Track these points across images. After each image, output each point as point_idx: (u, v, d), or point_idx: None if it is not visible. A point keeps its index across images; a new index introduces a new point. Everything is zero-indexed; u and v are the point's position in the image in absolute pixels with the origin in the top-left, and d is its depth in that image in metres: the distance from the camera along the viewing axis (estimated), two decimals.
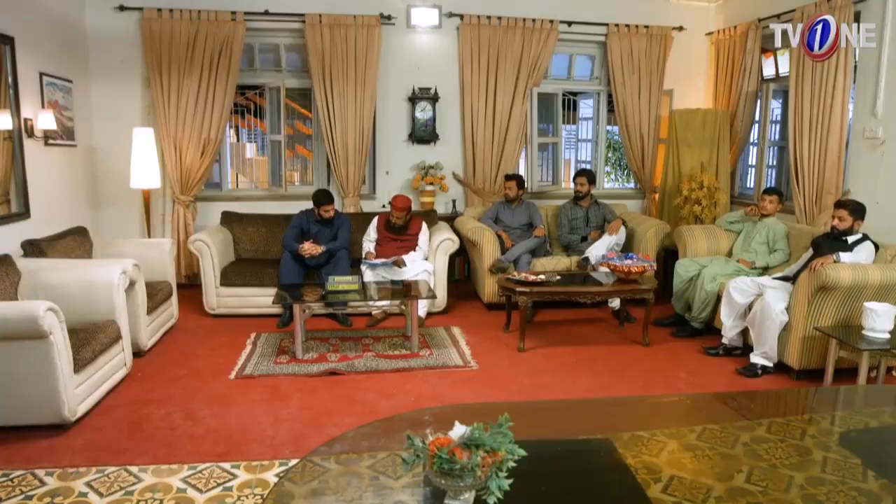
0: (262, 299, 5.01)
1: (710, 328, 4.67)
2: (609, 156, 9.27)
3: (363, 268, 5.12)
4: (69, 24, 5.31)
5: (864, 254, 3.93)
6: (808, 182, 5.06)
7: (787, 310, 3.94)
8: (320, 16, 5.74)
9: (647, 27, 6.28)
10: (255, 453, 2.94)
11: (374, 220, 5.41)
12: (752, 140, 6.26)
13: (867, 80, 4.65)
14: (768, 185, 5.79)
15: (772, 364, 4.02)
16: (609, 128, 7.57)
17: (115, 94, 5.71)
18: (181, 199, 5.79)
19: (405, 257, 5.14)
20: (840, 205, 4.07)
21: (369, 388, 3.78)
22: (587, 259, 5.22)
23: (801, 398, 3.01)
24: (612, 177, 9.94)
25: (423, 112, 6.19)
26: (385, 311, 5.11)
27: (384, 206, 6.07)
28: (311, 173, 6.71)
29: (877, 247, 3.99)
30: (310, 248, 4.92)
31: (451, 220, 5.96)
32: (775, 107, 6.22)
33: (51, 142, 4.84)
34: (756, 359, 4.05)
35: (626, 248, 5.45)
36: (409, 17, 6.02)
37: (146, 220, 5.65)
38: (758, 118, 6.14)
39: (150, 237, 5.68)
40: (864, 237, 4.01)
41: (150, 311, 4.26)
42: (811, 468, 1.96)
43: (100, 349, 3.42)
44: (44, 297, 3.32)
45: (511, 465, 1.56)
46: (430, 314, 5.16)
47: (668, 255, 5.75)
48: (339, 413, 3.41)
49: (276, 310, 4.94)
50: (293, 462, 2.75)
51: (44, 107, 4.72)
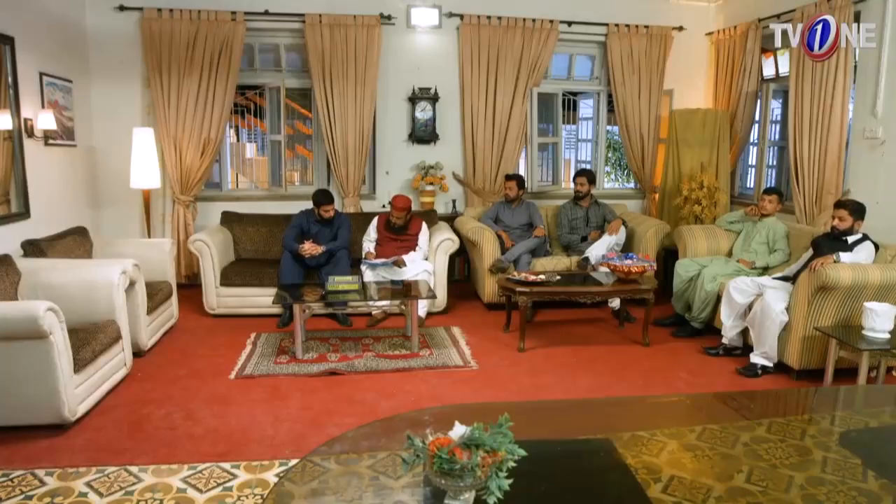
0: (262, 299, 5.01)
1: (710, 328, 4.67)
2: (609, 156, 9.27)
3: (363, 268, 5.12)
4: (69, 24, 5.31)
5: (864, 254, 3.93)
6: (808, 182, 5.06)
7: (787, 310, 3.94)
8: (320, 16, 5.74)
9: (647, 27, 6.28)
10: (255, 453, 2.94)
11: (374, 220, 5.41)
12: (752, 140, 6.26)
13: (867, 80, 4.65)
14: (768, 185, 5.78)
15: (772, 364, 4.02)
16: (609, 128, 7.57)
17: (115, 94, 5.71)
18: (181, 199, 5.79)
19: (405, 257, 5.14)
20: (840, 205, 4.07)
21: (369, 388, 3.78)
22: (587, 259, 5.22)
23: (801, 398, 3.01)
24: (612, 177, 9.94)
25: (423, 112, 6.19)
26: (385, 311, 5.11)
27: (384, 206, 6.07)
28: (311, 173, 6.71)
29: (877, 247, 3.99)
30: (310, 248, 4.92)
31: (451, 220, 5.96)
32: (775, 107, 6.22)
33: (51, 142, 4.84)
34: (756, 359, 4.05)
35: (626, 248, 5.45)
36: (409, 17, 6.02)
37: (146, 220, 5.66)
38: (758, 118, 6.13)
39: (150, 237, 5.68)
40: (864, 237, 4.01)
41: (150, 311, 4.27)
42: (811, 468, 1.96)
43: (100, 349, 3.42)
44: (44, 297, 3.32)
45: (511, 465, 1.56)
46: (430, 314, 5.16)
47: (668, 255, 5.75)
48: (339, 413, 3.41)
49: (276, 310, 4.95)
50: (293, 462, 2.75)
51: (44, 107, 4.72)
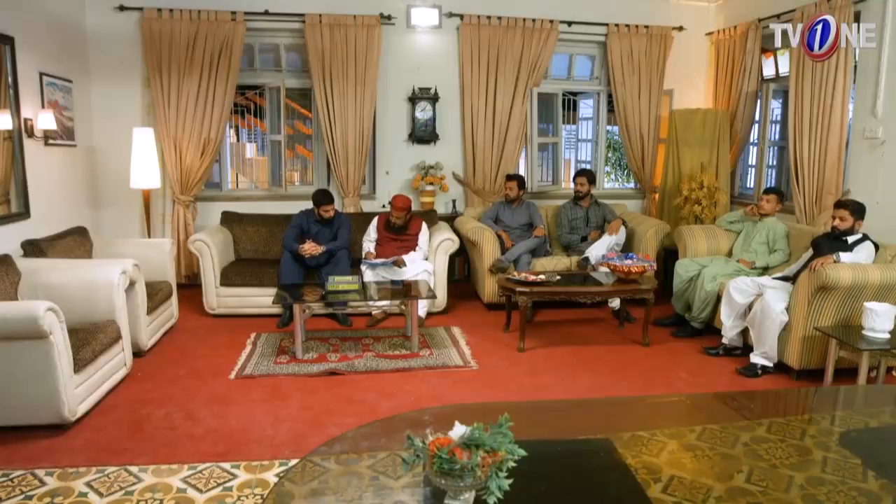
0: (262, 299, 5.01)
1: (710, 328, 4.67)
2: (609, 156, 9.27)
3: (363, 268, 5.12)
4: (69, 24, 5.31)
5: (864, 254, 3.93)
6: (808, 182, 5.06)
7: (787, 310, 3.94)
8: (320, 16, 5.74)
9: (647, 27, 6.28)
10: (255, 453, 2.94)
11: (374, 220, 5.41)
12: (752, 140, 6.26)
13: (867, 80, 4.65)
14: (768, 185, 5.79)
15: (772, 364, 4.02)
16: (609, 128, 7.57)
17: (115, 94, 5.71)
18: (181, 199, 5.79)
19: (405, 257, 5.14)
20: (841, 205, 4.07)
21: (369, 388, 3.78)
22: (587, 259, 5.22)
23: (801, 398, 3.00)
24: (612, 177, 9.93)
25: (423, 112, 6.19)
26: (385, 311, 5.11)
27: (384, 206, 6.07)
28: (311, 173, 6.71)
29: (877, 247, 3.99)
30: (310, 248, 4.92)
31: (451, 220, 5.96)
32: (775, 107, 6.22)
33: (51, 142, 4.84)
34: (756, 359, 4.05)
35: (626, 248, 5.45)
36: (409, 17, 6.02)
37: (146, 220, 5.66)
38: (758, 118, 6.13)
39: (150, 237, 5.68)
40: (864, 237, 4.00)
41: (150, 311, 4.27)
42: (811, 468, 1.96)
43: (100, 349, 3.42)
44: (44, 297, 3.32)
45: (511, 465, 1.56)
46: (430, 314, 5.16)
47: (668, 255, 5.75)
48: (339, 413, 3.41)
49: (276, 310, 4.95)
50: (293, 462, 2.75)
51: (44, 107, 4.72)
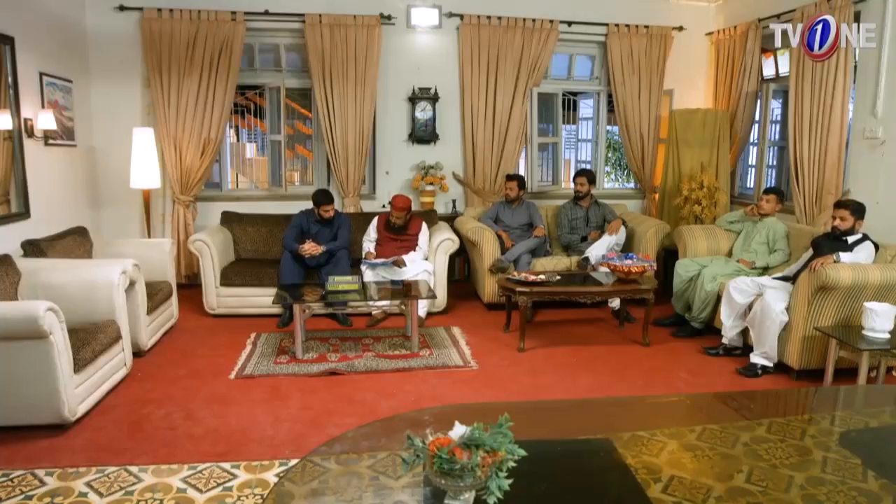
0: (262, 299, 5.01)
1: (710, 328, 4.67)
2: (609, 156, 9.27)
3: (363, 268, 5.12)
4: (69, 24, 5.31)
5: (864, 254, 3.93)
6: (808, 182, 5.06)
7: (787, 310, 3.94)
8: (320, 16, 5.74)
9: (647, 27, 6.28)
10: (255, 453, 2.94)
11: (374, 220, 5.41)
12: (752, 140, 6.26)
13: (867, 80, 4.65)
14: (768, 185, 5.79)
15: (772, 364, 4.02)
16: (609, 128, 7.57)
17: (115, 94, 5.71)
18: (181, 199, 5.79)
19: (405, 257, 5.14)
20: (841, 205, 4.07)
21: (369, 388, 3.78)
22: (587, 259, 5.22)
23: (801, 398, 3.00)
24: (612, 177, 9.93)
25: (423, 112, 6.19)
26: (385, 311, 5.11)
27: (384, 206, 6.07)
28: (311, 173, 6.71)
29: (877, 247, 3.99)
30: (310, 248, 4.92)
31: (451, 220, 5.96)
32: (775, 107, 6.22)
33: (51, 142, 4.84)
34: (756, 359, 4.05)
35: (626, 248, 5.45)
36: (409, 17, 6.02)
37: (146, 220, 5.66)
38: (758, 118, 6.13)
39: (150, 237, 5.68)
40: (864, 237, 4.00)
41: (150, 311, 4.27)
42: (811, 468, 1.96)
43: (100, 349, 3.42)
44: (44, 297, 3.32)
45: (511, 465, 1.56)
46: (430, 314, 5.16)
47: (668, 255, 5.75)
48: (339, 413, 3.41)
49: (276, 310, 4.94)
50: (293, 462, 2.75)
51: (44, 107, 4.72)
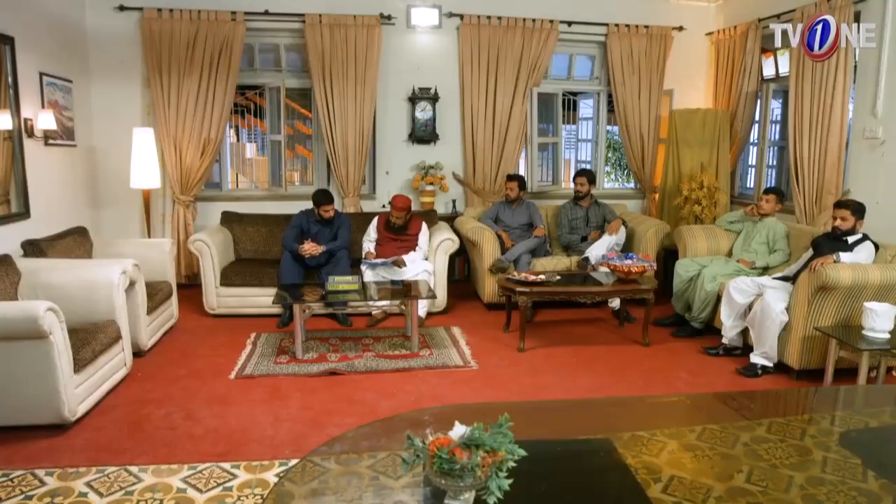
0: (262, 299, 5.01)
1: (710, 328, 4.67)
2: (609, 156, 9.27)
3: (363, 268, 5.12)
4: (69, 24, 5.31)
5: (864, 254, 3.93)
6: (808, 182, 5.06)
7: (787, 310, 3.94)
8: (320, 16, 5.74)
9: (647, 27, 6.28)
10: (255, 453, 2.94)
11: (374, 220, 5.41)
12: (752, 140, 6.26)
13: (867, 80, 4.65)
14: (768, 185, 5.79)
15: (772, 364, 4.02)
16: (609, 128, 7.57)
17: (115, 94, 5.71)
18: (181, 199, 5.79)
19: (405, 257, 5.14)
20: (841, 205, 4.07)
21: (369, 388, 3.78)
22: (587, 259, 5.22)
23: (801, 398, 3.00)
24: (612, 177, 9.93)
25: (423, 112, 6.19)
26: (385, 311, 5.11)
27: (384, 206, 6.07)
28: (311, 173, 6.71)
29: (877, 247, 3.99)
30: (310, 248, 4.92)
31: (451, 220, 5.96)
32: (775, 107, 6.22)
33: (51, 142, 4.84)
34: (756, 359, 4.05)
35: (626, 248, 5.45)
36: (409, 17, 6.02)
37: (146, 220, 5.66)
38: (758, 118, 6.13)
39: (150, 237, 5.68)
40: (864, 237, 4.00)
41: (150, 311, 4.26)
42: (811, 468, 1.96)
43: (100, 349, 3.42)
44: (44, 297, 3.32)
45: (511, 465, 1.56)
46: (430, 314, 5.16)
47: (668, 255, 5.75)
48: (339, 413, 3.41)
49: (276, 310, 4.94)
50: (293, 462, 2.75)
51: (44, 107, 4.72)
